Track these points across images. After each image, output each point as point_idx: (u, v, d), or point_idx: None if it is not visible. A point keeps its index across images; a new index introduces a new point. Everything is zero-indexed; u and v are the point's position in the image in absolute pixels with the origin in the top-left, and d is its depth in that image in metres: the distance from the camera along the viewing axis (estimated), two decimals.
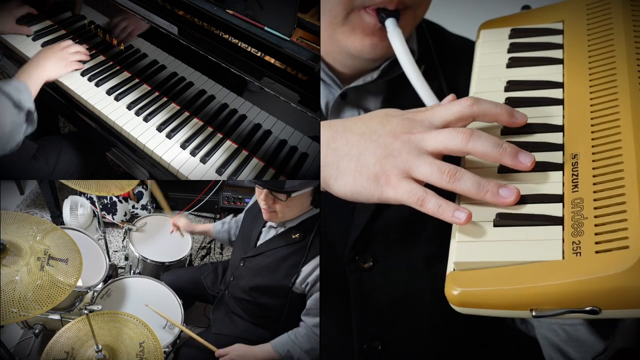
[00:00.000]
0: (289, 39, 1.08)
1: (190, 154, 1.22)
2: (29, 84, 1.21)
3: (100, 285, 1.56)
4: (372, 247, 0.90)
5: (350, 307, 0.90)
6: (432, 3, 0.92)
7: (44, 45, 1.46)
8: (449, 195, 0.70)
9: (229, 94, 1.22)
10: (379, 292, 0.91)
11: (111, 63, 1.43)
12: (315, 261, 1.27)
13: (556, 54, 0.84)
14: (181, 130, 1.27)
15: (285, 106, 1.10)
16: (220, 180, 2.20)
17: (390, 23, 0.82)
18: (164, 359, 1.29)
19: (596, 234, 0.61)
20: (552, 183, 0.69)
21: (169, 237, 1.81)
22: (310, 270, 1.27)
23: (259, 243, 1.41)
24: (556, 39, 0.87)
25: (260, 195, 1.30)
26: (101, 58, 1.44)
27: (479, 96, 0.74)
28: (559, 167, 0.70)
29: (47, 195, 2.18)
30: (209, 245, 2.22)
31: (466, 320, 0.73)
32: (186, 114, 1.31)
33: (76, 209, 2.25)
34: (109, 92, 1.35)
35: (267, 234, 1.40)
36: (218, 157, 1.22)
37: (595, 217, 0.63)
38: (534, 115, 0.76)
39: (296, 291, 1.30)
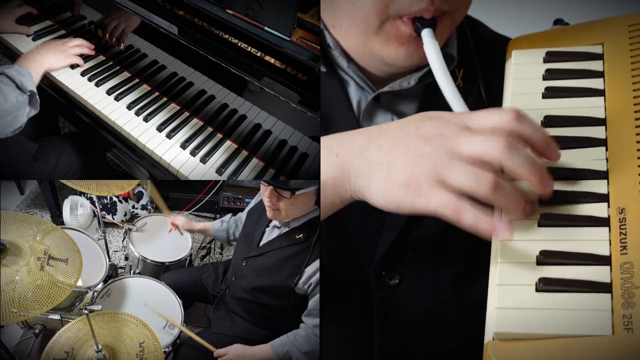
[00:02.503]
0: (289, 39, 1.08)
1: (190, 154, 1.22)
2: (30, 70, 1.23)
3: (100, 285, 1.56)
4: (400, 264, 0.87)
5: (372, 323, 0.87)
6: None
7: None
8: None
9: (229, 94, 1.22)
10: (404, 310, 0.87)
11: (111, 63, 1.43)
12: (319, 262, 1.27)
13: (597, 83, 0.77)
14: (181, 130, 1.27)
15: (285, 106, 1.10)
16: (220, 180, 2.20)
17: (426, 34, 0.77)
18: (164, 359, 1.29)
19: None
20: (598, 241, 0.63)
21: (169, 237, 1.81)
22: (313, 271, 1.27)
23: (262, 243, 1.40)
24: (596, 65, 0.80)
25: (265, 193, 1.29)
26: (101, 58, 1.44)
27: None
28: (604, 222, 0.64)
29: (47, 195, 2.18)
30: (209, 245, 2.22)
31: None
32: (186, 114, 1.31)
33: (76, 209, 2.25)
34: (109, 92, 1.35)
35: (270, 234, 1.39)
36: (218, 157, 1.22)
37: None
38: (575, 157, 0.69)
39: (298, 292, 1.29)
